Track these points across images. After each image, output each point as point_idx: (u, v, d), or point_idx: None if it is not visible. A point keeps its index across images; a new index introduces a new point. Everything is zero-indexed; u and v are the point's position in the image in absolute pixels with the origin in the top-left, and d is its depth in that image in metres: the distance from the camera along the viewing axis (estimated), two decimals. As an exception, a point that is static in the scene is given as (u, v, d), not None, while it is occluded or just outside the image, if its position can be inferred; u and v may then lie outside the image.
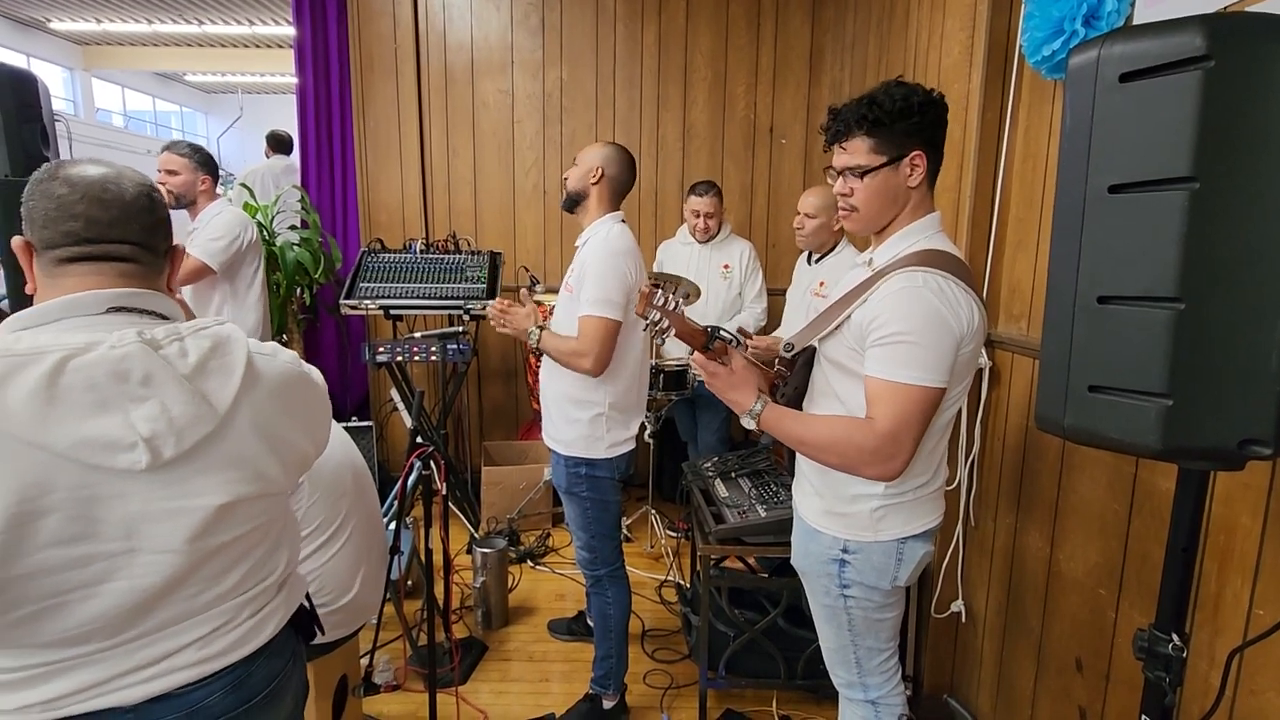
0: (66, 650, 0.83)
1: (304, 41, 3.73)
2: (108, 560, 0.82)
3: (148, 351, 0.83)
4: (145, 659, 0.88)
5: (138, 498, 0.83)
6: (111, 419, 0.80)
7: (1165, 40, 0.78)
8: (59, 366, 0.77)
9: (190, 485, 0.86)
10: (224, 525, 0.90)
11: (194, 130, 18.79)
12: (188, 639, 0.91)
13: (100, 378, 0.79)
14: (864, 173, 1.28)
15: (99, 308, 0.85)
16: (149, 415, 0.82)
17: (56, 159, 0.90)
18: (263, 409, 0.93)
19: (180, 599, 0.89)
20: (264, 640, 0.99)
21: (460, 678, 2.33)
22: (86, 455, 0.79)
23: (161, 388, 0.83)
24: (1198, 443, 0.83)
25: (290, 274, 3.51)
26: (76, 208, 0.85)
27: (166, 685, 0.89)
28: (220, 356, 0.90)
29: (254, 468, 0.92)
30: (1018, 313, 1.89)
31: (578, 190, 1.98)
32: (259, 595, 0.99)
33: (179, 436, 0.84)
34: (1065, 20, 1.56)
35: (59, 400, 0.77)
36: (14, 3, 11.13)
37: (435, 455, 1.85)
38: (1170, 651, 0.96)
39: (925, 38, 2.39)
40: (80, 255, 0.86)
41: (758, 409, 1.34)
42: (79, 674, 0.84)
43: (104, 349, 0.80)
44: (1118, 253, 0.84)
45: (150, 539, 0.84)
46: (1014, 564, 1.90)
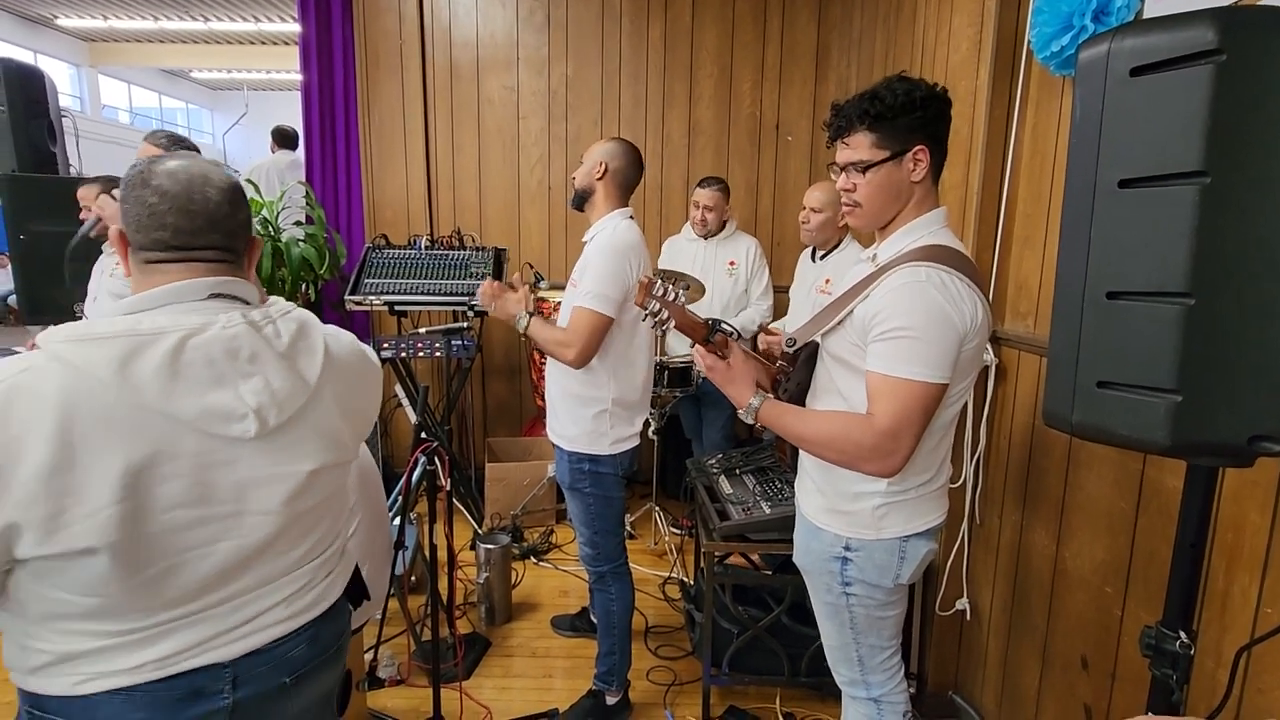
0: (180, 608, 0.91)
1: (309, 38, 3.73)
2: (220, 522, 0.92)
3: (253, 331, 0.94)
4: (244, 617, 0.98)
5: (245, 464, 0.93)
6: (226, 392, 0.90)
7: (1176, 34, 0.77)
8: (180, 344, 0.87)
9: (288, 452, 0.97)
10: (312, 490, 1.01)
11: (200, 127, 18.84)
12: (279, 597, 1.01)
13: (216, 354, 0.90)
14: (866, 167, 1.27)
15: (202, 294, 0.94)
16: (256, 389, 0.92)
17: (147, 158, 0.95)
18: (338, 383, 1.04)
19: (274, 557, 0.99)
20: (333, 600, 1.11)
21: (464, 673, 2.34)
22: (207, 424, 0.88)
23: (265, 364, 0.94)
24: (1207, 439, 0.82)
25: (295, 270, 3.51)
26: (166, 218, 0.92)
27: (260, 640, 0.99)
28: (305, 337, 1.01)
29: (334, 437, 1.04)
30: (1024, 310, 1.88)
31: (585, 187, 1.97)
32: (329, 558, 1.10)
33: (280, 408, 0.94)
34: (1074, 15, 1.55)
35: (182, 375, 0.87)
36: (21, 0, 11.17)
37: (439, 451, 1.85)
38: (1177, 649, 0.95)
39: (933, 34, 2.38)
40: (168, 259, 0.94)
41: (755, 404, 1.33)
42: (188, 632, 0.92)
43: (217, 329, 0.91)
44: (1127, 248, 0.84)
45: (255, 501, 0.94)
46: (1019, 561, 1.90)
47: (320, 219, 3.70)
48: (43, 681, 0.89)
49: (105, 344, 0.84)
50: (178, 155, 0.96)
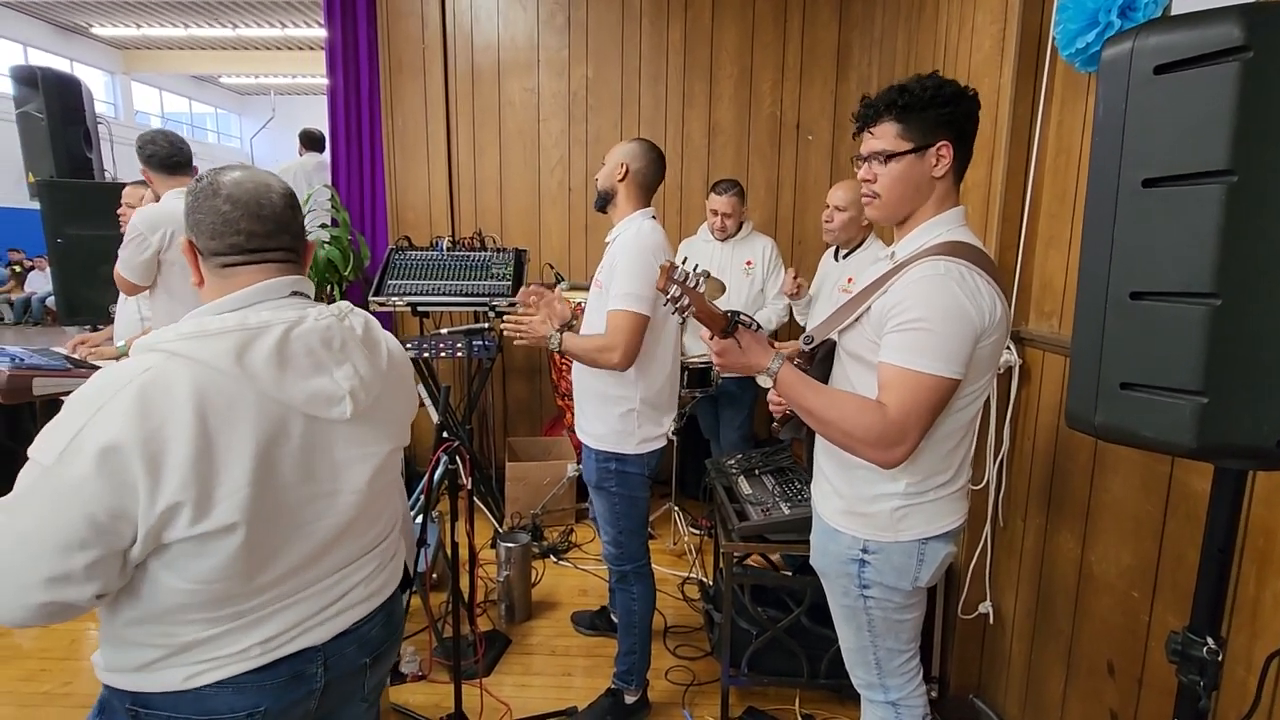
0: (288, 584, 0.98)
1: (335, 43, 3.79)
2: (323, 499, 1.00)
3: (339, 323, 1.03)
4: (332, 597, 1.04)
5: (340, 444, 1.01)
6: (324, 378, 0.98)
7: (1201, 32, 0.76)
8: (285, 335, 0.95)
9: (371, 434, 1.06)
10: (385, 470, 1.09)
11: (228, 131, 19.22)
12: (360, 576, 1.08)
13: (315, 344, 0.98)
14: (889, 157, 1.27)
15: (285, 291, 1.02)
16: (348, 375, 1.01)
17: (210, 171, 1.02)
18: (395, 373, 1.14)
19: (357, 535, 1.06)
20: (399, 581, 1.19)
21: (484, 670, 2.36)
22: (312, 407, 0.97)
23: (352, 353, 1.03)
24: (1234, 441, 0.81)
25: (321, 271, 3.58)
26: (240, 224, 0.98)
27: (347, 621, 1.06)
28: (371, 331, 1.10)
29: (399, 422, 1.14)
30: (1049, 310, 1.86)
31: (607, 189, 1.98)
32: (394, 539, 1.18)
33: (367, 392, 1.03)
34: (1100, 11, 1.53)
35: (289, 363, 0.95)
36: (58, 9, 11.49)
37: (461, 450, 1.87)
38: (1205, 655, 0.94)
39: (955, 32, 2.35)
40: (244, 262, 1.00)
41: (774, 367, 1.30)
42: (287, 614, 0.99)
43: (311, 321, 0.99)
44: (1151, 247, 0.83)
45: (348, 480, 1.02)
46: (1044, 565, 1.87)
47: (345, 221, 3.76)
48: (151, 678, 0.93)
49: (221, 339, 0.91)
50: (236, 167, 1.03)
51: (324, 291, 3.74)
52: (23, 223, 10.59)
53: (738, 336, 1.33)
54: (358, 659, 1.09)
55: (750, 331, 1.34)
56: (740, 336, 1.33)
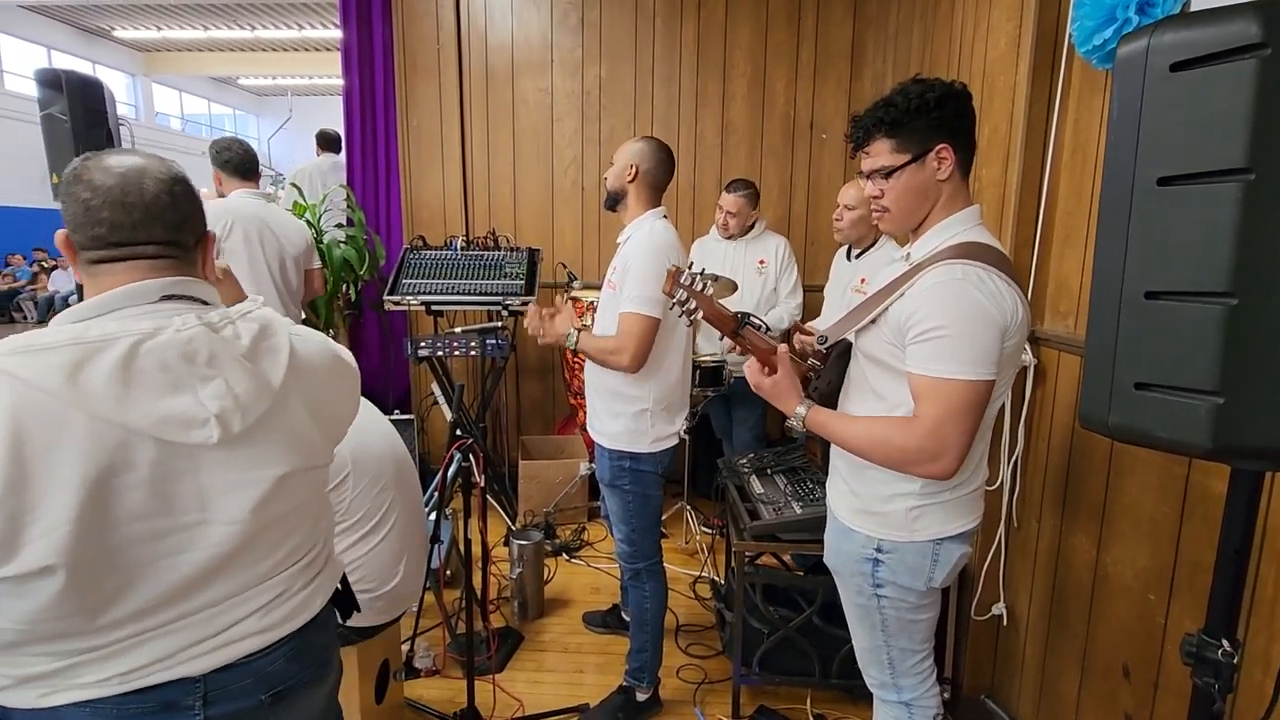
0: (146, 620, 0.88)
1: (350, 44, 3.83)
2: (184, 532, 0.88)
3: (209, 334, 0.89)
4: (214, 628, 0.93)
5: (208, 471, 0.89)
6: (184, 398, 0.85)
7: (1218, 28, 0.76)
8: (132, 351, 0.83)
9: (255, 458, 0.93)
10: (282, 496, 0.96)
11: (246, 132, 19.43)
12: (251, 608, 0.96)
13: (171, 359, 0.85)
14: (889, 173, 1.28)
15: (154, 296, 0.89)
16: (217, 393, 0.87)
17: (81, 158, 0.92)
18: (306, 385, 0.99)
19: (244, 567, 0.95)
20: (315, 611, 1.05)
21: (497, 666, 2.38)
22: (165, 432, 0.84)
23: (224, 367, 0.89)
24: (1251, 442, 0.80)
25: (336, 271, 3.62)
26: (101, 213, 0.87)
27: (233, 654, 0.95)
28: (268, 338, 0.96)
29: (305, 440, 0.99)
30: (1065, 309, 1.84)
31: (617, 189, 1.99)
32: (308, 566, 1.05)
33: (244, 412, 0.89)
34: (1118, 8, 1.51)
35: (135, 382, 0.82)
36: (81, 12, 11.68)
37: (474, 448, 1.89)
38: (1220, 658, 0.93)
39: (971, 29, 2.34)
40: (108, 258, 0.89)
41: (802, 412, 1.34)
42: (155, 645, 0.89)
43: (170, 333, 0.86)
44: (1167, 247, 0.82)
45: (221, 510, 0.90)
46: (1058, 566, 1.86)
47: (360, 221, 3.80)
48: (5, 697, 0.86)
49: (51, 354, 0.79)
50: (119, 151, 0.92)
51: (340, 291, 3.78)
52: (47, 223, 10.81)
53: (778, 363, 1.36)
54: (250, 696, 0.96)
55: (789, 374, 1.37)
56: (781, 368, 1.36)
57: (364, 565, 1.70)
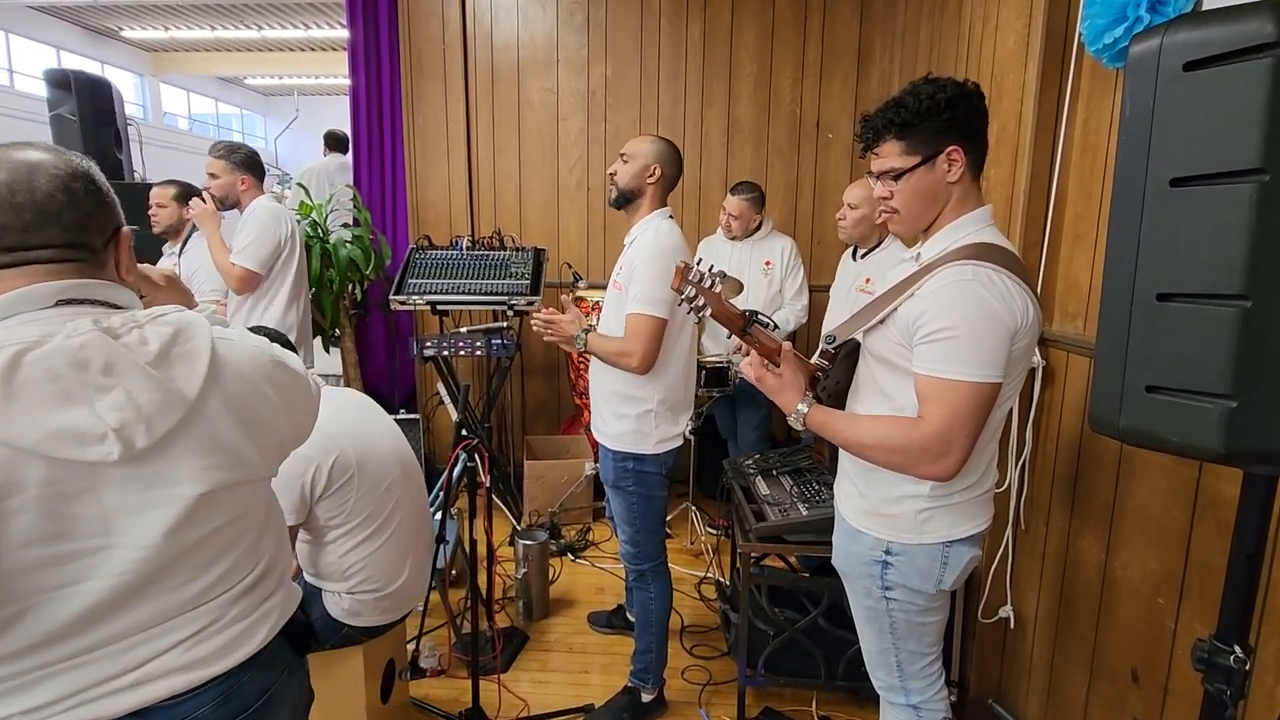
0: (46, 653, 0.80)
1: (357, 43, 3.84)
2: (86, 558, 0.79)
3: (106, 340, 0.79)
4: (129, 663, 0.84)
5: (111, 491, 0.80)
6: (77, 411, 0.76)
7: (1233, 27, 0.75)
8: (14, 361, 0.74)
9: (166, 475, 0.83)
10: (204, 515, 0.87)
11: (253, 131, 19.51)
12: (172, 640, 0.87)
13: (60, 368, 0.76)
14: (899, 175, 1.27)
15: (47, 301, 0.81)
16: (115, 404, 0.78)
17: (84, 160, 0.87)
18: (233, 393, 0.89)
19: (161, 594, 0.85)
20: (255, 648, 0.94)
21: (502, 666, 2.38)
22: (55, 449, 0.75)
23: (125, 376, 0.79)
24: (1263, 446, 0.79)
25: (343, 270, 3.62)
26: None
27: (153, 694, 0.84)
28: (183, 343, 0.85)
29: (232, 454, 0.89)
30: (1074, 311, 1.83)
31: (634, 188, 1.95)
32: (247, 592, 0.95)
33: (149, 425, 0.80)
34: (1129, 6, 1.50)
35: (19, 395, 0.74)
36: (89, 13, 11.74)
37: (480, 448, 1.89)
38: (1232, 663, 0.92)
39: (979, 27, 2.32)
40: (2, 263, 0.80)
41: (803, 410, 1.33)
42: (60, 680, 0.80)
43: (59, 340, 0.77)
44: (1179, 248, 0.81)
45: (127, 534, 0.81)
46: (1066, 569, 1.84)
47: (366, 221, 3.80)
48: None
49: None
50: (13, 145, 0.83)
51: (347, 291, 3.79)
52: (55, 222, 10.82)
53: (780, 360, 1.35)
54: None
55: (793, 371, 1.36)
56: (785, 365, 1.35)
57: (369, 565, 1.71)
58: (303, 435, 1.03)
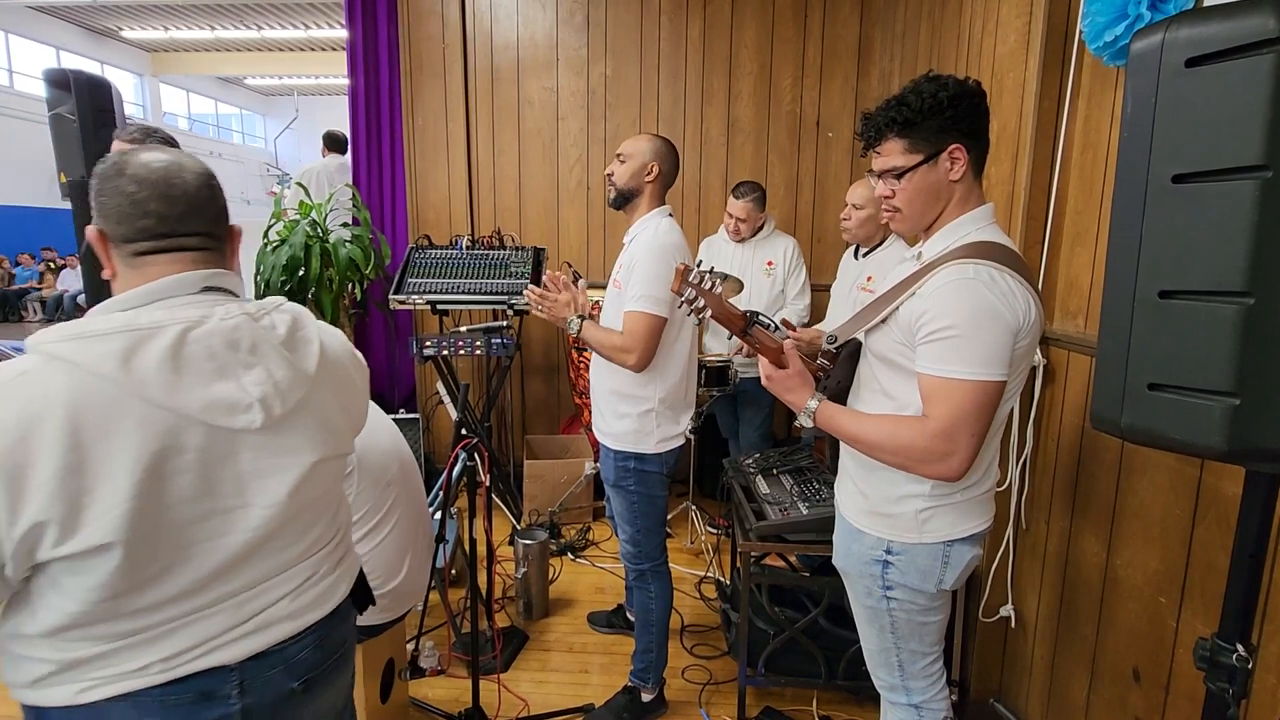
0: (184, 604, 0.90)
1: (356, 43, 3.83)
2: (224, 515, 0.91)
3: (251, 323, 0.93)
4: (249, 612, 0.95)
5: (248, 456, 0.92)
6: (228, 384, 0.89)
7: (1235, 23, 0.74)
8: (181, 337, 0.86)
9: (291, 443, 0.96)
10: (314, 481, 0.99)
11: (252, 131, 19.51)
12: (282, 592, 0.99)
13: (217, 347, 0.89)
14: (901, 173, 1.26)
15: (196, 287, 0.92)
16: (258, 379, 0.91)
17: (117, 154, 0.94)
18: (332, 375, 1.03)
19: (276, 551, 0.97)
20: (339, 600, 1.08)
21: (502, 665, 2.38)
22: (212, 416, 0.87)
23: (265, 355, 0.93)
24: (1266, 444, 0.79)
25: (342, 270, 3.62)
26: (148, 205, 0.90)
27: (264, 641, 0.97)
28: (300, 330, 1.00)
29: (333, 428, 1.02)
30: (1074, 309, 1.82)
31: (633, 188, 1.94)
32: (332, 553, 1.08)
33: (283, 398, 0.93)
34: (1130, 3, 1.49)
35: (184, 368, 0.86)
36: (89, 13, 11.74)
37: (479, 447, 1.89)
38: (1234, 662, 0.91)
39: (980, 25, 2.32)
40: (155, 249, 0.92)
41: (812, 407, 1.33)
42: (193, 630, 0.91)
43: (215, 321, 0.89)
44: (1181, 245, 0.81)
45: (258, 493, 0.93)
46: (1067, 568, 1.84)
47: (366, 220, 3.80)
48: (44, 693, 0.87)
49: (105, 340, 0.82)
50: (152, 148, 0.94)
51: (346, 290, 3.78)
52: (55, 222, 10.88)
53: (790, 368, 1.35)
54: (284, 683, 0.99)
55: (800, 369, 1.35)
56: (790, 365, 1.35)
57: (368, 562, 1.70)
58: (365, 418, 1.16)
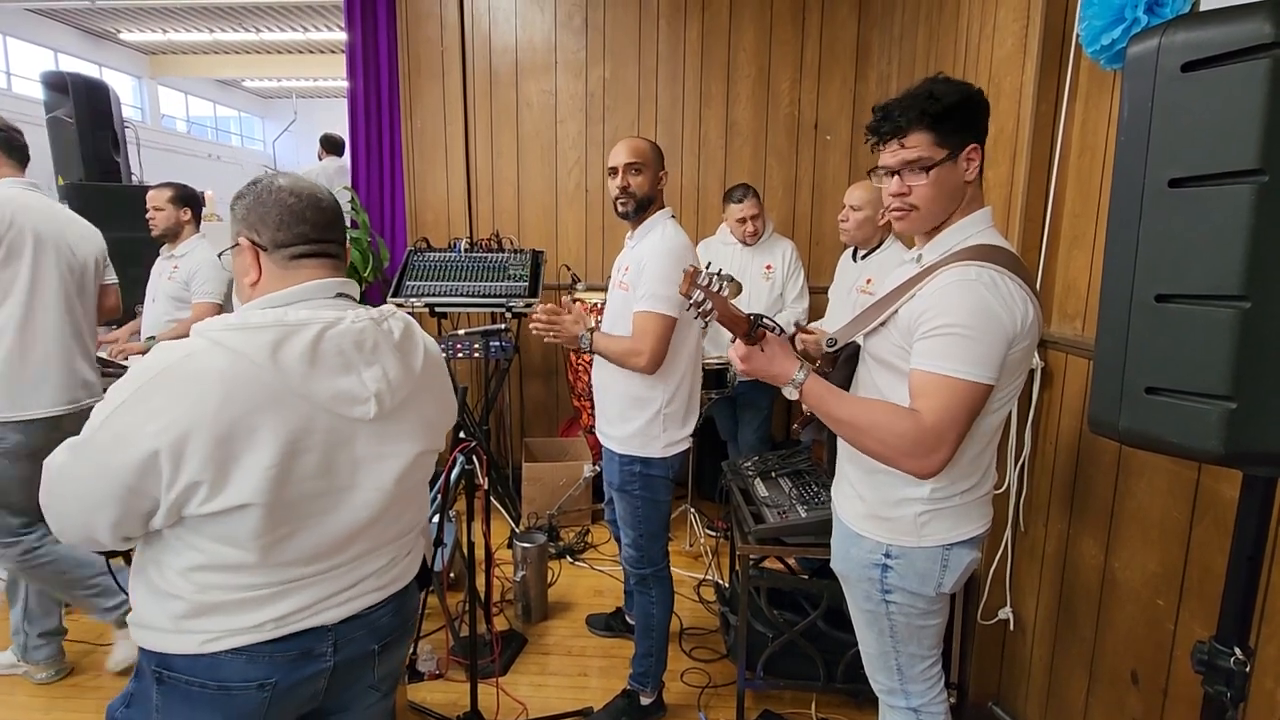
0: (299, 569, 1.02)
1: (355, 46, 3.83)
2: (336, 494, 1.03)
3: (376, 326, 1.07)
4: (348, 581, 1.08)
5: (361, 443, 1.04)
6: (351, 378, 1.02)
7: (1231, 28, 0.75)
8: (320, 335, 0.99)
9: (398, 434, 1.09)
10: (414, 471, 1.12)
11: (251, 133, 19.50)
12: (374, 566, 1.12)
13: (347, 345, 1.02)
14: (929, 166, 1.22)
15: (332, 292, 1.07)
16: (376, 376, 1.04)
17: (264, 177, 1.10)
18: (432, 376, 1.17)
19: (378, 531, 1.10)
20: (412, 576, 1.22)
21: (501, 669, 2.37)
22: (337, 405, 1.00)
23: (384, 355, 1.06)
24: (1263, 447, 0.79)
25: (341, 272, 3.62)
26: (307, 214, 1.05)
27: (358, 606, 1.10)
28: (410, 336, 1.14)
29: (432, 424, 1.17)
30: (1072, 311, 1.83)
31: (651, 195, 1.94)
32: (414, 536, 1.21)
33: (394, 394, 1.06)
34: (1126, 7, 1.50)
35: (319, 361, 0.99)
36: (88, 16, 11.73)
37: (478, 450, 1.88)
38: (1232, 665, 0.91)
39: (977, 29, 2.32)
40: (310, 252, 1.06)
41: (800, 378, 1.27)
42: (301, 594, 1.03)
43: (348, 323, 1.03)
44: (1178, 249, 0.81)
45: (367, 477, 1.06)
46: (1066, 571, 1.84)
47: (364, 223, 3.80)
48: (173, 639, 0.99)
49: (260, 332, 0.96)
50: (284, 174, 1.09)
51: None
52: (53, 225, 10.83)
53: (762, 343, 1.30)
54: (367, 644, 1.13)
55: (776, 339, 1.32)
56: (766, 343, 1.30)
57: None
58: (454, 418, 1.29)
